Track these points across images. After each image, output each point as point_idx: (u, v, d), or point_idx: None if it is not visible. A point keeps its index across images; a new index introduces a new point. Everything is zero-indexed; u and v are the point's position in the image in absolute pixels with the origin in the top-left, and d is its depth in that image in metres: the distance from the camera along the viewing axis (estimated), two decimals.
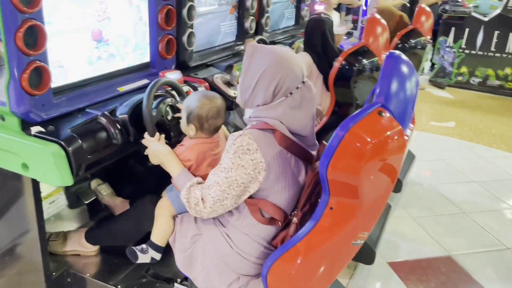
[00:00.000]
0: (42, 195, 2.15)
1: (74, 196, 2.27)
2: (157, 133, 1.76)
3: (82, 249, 2.07)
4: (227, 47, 2.97)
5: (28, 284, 1.98)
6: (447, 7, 6.43)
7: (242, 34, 3.06)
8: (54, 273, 1.98)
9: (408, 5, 6.09)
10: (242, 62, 1.58)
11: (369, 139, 1.30)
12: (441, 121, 5.40)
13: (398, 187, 3.37)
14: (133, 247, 1.81)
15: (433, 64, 7.17)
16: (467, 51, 6.64)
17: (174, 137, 1.85)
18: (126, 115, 1.79)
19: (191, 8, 2.40)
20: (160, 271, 1.99)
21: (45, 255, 1.89)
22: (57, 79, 1.74)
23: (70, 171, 1.57)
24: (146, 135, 1.76)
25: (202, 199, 1.53)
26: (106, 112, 1.77)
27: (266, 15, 3.26)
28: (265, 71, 1.49)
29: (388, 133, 1.34)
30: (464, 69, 6.74)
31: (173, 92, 1.99)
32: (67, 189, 2.26)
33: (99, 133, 1.71)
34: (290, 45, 3.48)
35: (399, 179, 3.33)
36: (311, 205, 1.59)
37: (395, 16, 3.26)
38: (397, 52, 1.46)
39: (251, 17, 3.06)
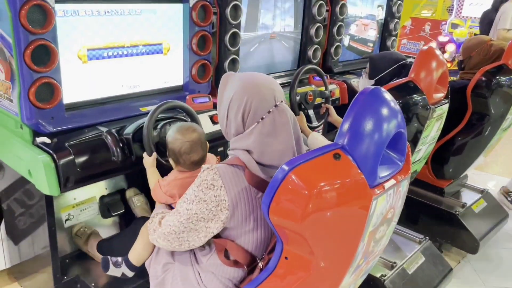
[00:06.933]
0: (75, 202, 2.33)
1: (105, 206, 2.39)
2: (154, 153, 1.78)
3: (95, 255, 2.16)
4: (285, 74, 2.89)
5: (41, 284, 2.13)
6: None
7: (304, 63, 2.96)
8: (65, 277, 2.09)
9: None
10: None
11: (310, 185, 1.12)
12: None
13: (473, 248, 2.88)
14: (108, 257, 1.83)
15: None
16: None
17: None
18: (130, 134, 1.83)
19: (234, 34, 2.40)
20: None
21: (55, 259, 2.01)
22: (74, 95, 1.87)
23: (58, 182, 1.66)
24: (144, 154, 1.80)
25: (159, 221, 1.50)
26: (112, 130, 1.84)
27: (336, 44, 3.11)
28: (232, 98, 1.41)
29: (339, 181, 1.14)
30: None
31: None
32: (101, 199, 2.41)
33: (98, 149, 1.79)
34: None
35: (476, 239, 2.85)
36: None
37: (483, 46, 2.81)
38: (377, 88, 1.25)
39: (315, 46, 2.94)
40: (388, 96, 1.24)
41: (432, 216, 2.99)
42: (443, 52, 6.67)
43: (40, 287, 2.22)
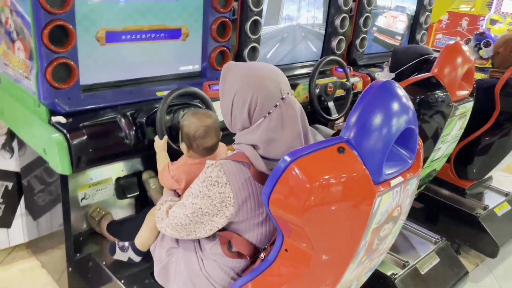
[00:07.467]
0: (92, 182, 2.37)
1: (121, 188, 2.42)
2: (165, 137, 1.79)
3: (106, 236, 2.20)
4: (309, 65, 2.85)
5: (56, 260, 2.18)
6: None
7: (327, 54, 2.90)
8: (78, 255, 2.14)
9: None
10: None
11: (312, 177, 1.09)
12: None
13: (493, 252, 2.79)
14: (115, 242, 1.85)
15: None
16: None
17: None
18: (144, 118, 1.85)
19: (256, 22, 2.37)
20: None
21: (68, 236, 2.06)
22: (90, 76, 1.89)
23: (70, 161, 1.69)
24: (156, 137, 1.81)
25: (167, 211, 1.50)
26: (127, 113, 1.85)
27: (362, 35, 3.03)
28: (236, 93, 1.37)
29: (342, 175, 1.11)
30: None
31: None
32: (117, 180, 2.44)
33: (111, 131, 1.81)
34: None
35: (496, 243, 2.75)
36: None
37: (511, 43, 2.67)
38: (389, 81, 1.20)
39: (340, 37, 2.88)
40: (400, 90, 1.20)
41: (452, 216, 2.91)
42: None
43: (55, 262, 2.28)
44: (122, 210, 2.50)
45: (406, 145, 1.25)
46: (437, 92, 2.01)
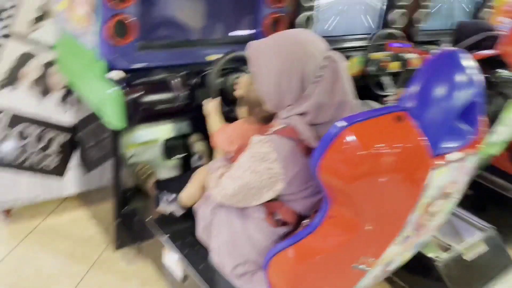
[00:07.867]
0: (141, 140, 2.43)
1: (168, 149, 2.48)
2: (219, 97, 1.80)
3: (151, 193, 2.26)
4: (364, 37, 2.76)
5: (104, 212, 2.28)
6: None
7: (385, 27, 2.79)
8: (124, 208, 2.22)
9: None
10: None
11: (366, 145, 1.06)
12: None
13: None
14: (161, 193, 1.89)
15: None
16: None
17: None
18: (195, 80, 1.86)
19: None
20: None
21: (117, 191, 2.14)
22: (147, 35, 1.90)
23: (123, 117, 1.73)
24: (207, 100, 1.83)
25: (218, 179, 1.51)
26: (179, 74, 1.87)
27: (421, 10, 2.89)
28: (281, 70, 1.33)
29: (398, 145, 1.07)
30: None
31: None
32: (165, 141, 2.49)
33: (163, 91, 1.83)
34: None
35: None
36: None
37: None
38: (457, 50, 1.14)
39: (399, 10, 2.75)
40: (467, 61, 1.13)
41: (503, 206, 2.78)
42: None
43: (103, 214, 2.39)
44: (167, 170, 2.56)
45: (468, 120, 1.19)
46: (501, 71, 1.90)
